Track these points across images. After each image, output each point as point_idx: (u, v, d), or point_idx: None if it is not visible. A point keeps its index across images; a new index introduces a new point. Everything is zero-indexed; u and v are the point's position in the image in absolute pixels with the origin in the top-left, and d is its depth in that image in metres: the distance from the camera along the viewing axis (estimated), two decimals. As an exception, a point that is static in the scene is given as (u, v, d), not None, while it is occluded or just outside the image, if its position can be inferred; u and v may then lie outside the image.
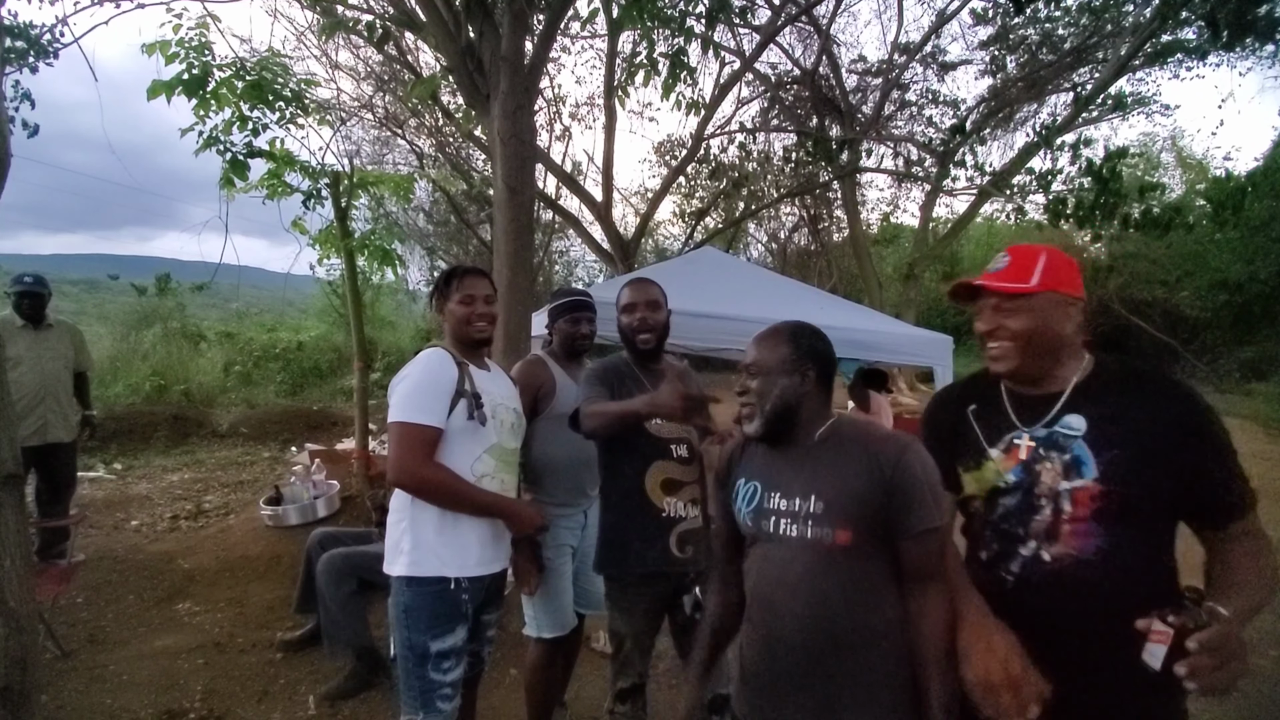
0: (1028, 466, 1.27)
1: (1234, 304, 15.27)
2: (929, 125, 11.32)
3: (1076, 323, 1.28)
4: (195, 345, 10.83)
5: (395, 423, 1.69)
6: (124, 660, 3.04)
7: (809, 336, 1.38)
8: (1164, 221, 5.37)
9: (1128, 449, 1.19)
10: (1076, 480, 1.21)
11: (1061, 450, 1.24)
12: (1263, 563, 1.18)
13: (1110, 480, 1.19)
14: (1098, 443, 1.21)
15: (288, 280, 7.20)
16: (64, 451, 4.03)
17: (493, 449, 1.80)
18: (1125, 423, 1.21)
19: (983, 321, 1.32)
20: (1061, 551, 1.23)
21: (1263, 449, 8.67)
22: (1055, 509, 1.24)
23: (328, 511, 4.24)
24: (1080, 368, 1.29)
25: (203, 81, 3.44)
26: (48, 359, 3.90)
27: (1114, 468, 1.19)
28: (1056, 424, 1.26)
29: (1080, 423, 1.24)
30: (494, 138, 3.69)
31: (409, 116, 10.96)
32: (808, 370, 1.34)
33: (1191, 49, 8.91)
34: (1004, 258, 1.32)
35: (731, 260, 7.37)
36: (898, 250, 17.84)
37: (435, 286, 1.98)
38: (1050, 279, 1.25)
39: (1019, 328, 1.26)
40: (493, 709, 2.67)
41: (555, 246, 17.67)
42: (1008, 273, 1.28)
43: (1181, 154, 18.36)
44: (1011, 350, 1.28)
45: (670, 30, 4.35)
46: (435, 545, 1.72)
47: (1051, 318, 1.26)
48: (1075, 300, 1.28)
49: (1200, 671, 0.99)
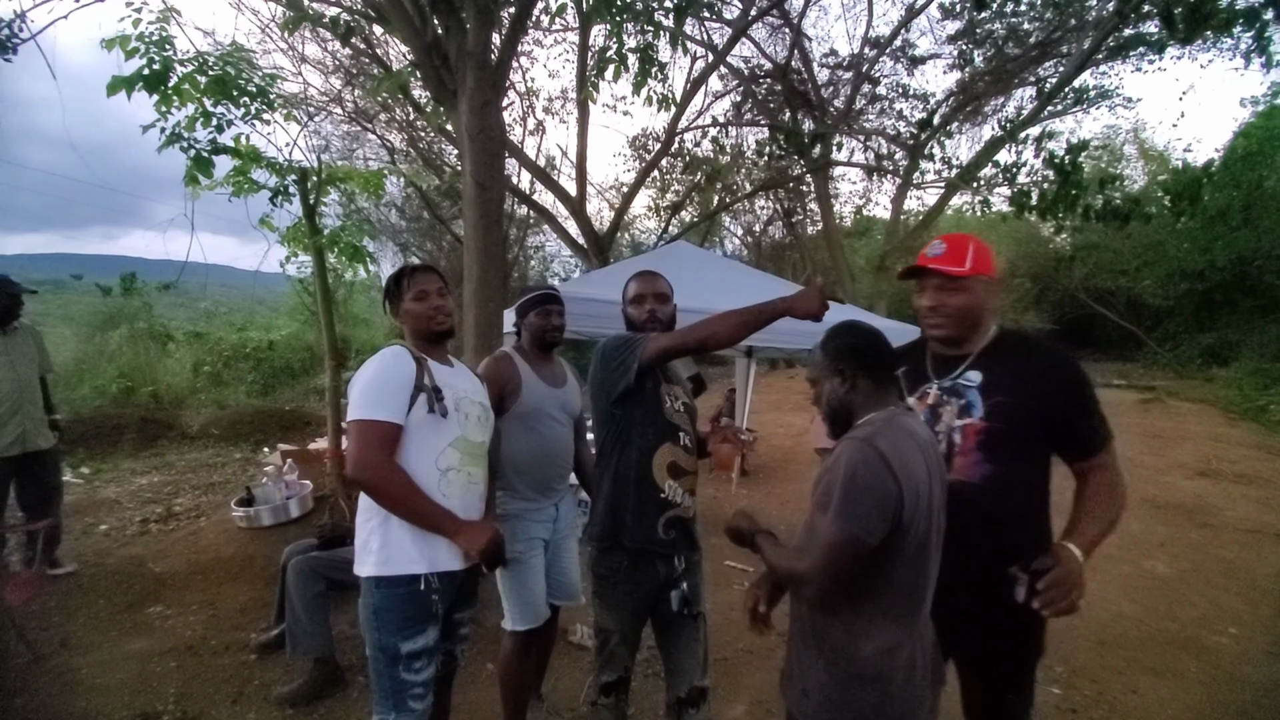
0: (933, 409, 1.59)
1: (1195, 292, 15.74)
2: (899, 119, 11.46)
3: (994, 299, 1.61)
4: (163, 346, 10.58)
5: (353, 420, 1.69)
6: (96, 664, 3.00)
7: (835, 337, 1.44)
8: (1124, 212, 5.50)
9: (1009, 395, 1.50)
10: (967, 419, 1.53)
11: (959, 396, 1.56)
12: (1115, 493, 1.51)
13: (992, 418, 1.50)
14: (987, 390, 1.53)
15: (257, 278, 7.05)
16: (47, 459, 3.88)
17: (457, 442, 1.80)
18: (1011, 376, 1.52)
19: (926, 298, 1.62)
20: (955, 478, 1.50)
21: (1222, 432, 8.99)
22: (950, 442, 1.55)
23: (301, 512, 4.20)
24: (988, 335, 1.61)
25: (164, 77, 3.36)
26: (21, 364, 3.71)
27: (996, 408, 1.50)
28: (960, 377, 1.58)
29: (977, 376, 1.56)
30: (462, 133, 3.67)
31: (379, 111, 10.82)
32: (843, 369, 1.40)
33: (1152, 43, 9.14)
34: (940, 244, 1.59)
35: (706, 254, 7.42)
36: (870, 243, 18.09)
37: (386, 291, 1.97)
38: (978, 264, 1.55)
39: (956, 304, 1.57)
40: (470, 704, 2.69)
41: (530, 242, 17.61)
42: (945, 258, 1.56)
43: (1144, 146, 18.86)
44: (948, 321, 1.59)
45: (640, 24, 4.36)
46: (404, 541, 1.72)
47: (979, 296, 1.57)
48: (995, 281, 1.60)
49: (1048, 602, 1.33)
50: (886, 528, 1.23)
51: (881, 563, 1.27)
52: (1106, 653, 3.25)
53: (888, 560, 1.27)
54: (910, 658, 1.31)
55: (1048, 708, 2.80)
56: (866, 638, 1.30)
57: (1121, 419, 10.29)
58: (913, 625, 1.32)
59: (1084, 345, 18.67)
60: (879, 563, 1.27)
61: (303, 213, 4.16)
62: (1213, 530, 5.14)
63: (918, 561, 1.30)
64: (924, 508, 1.27)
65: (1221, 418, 10.14)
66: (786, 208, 15.92)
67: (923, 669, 1.33)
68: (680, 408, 1.97)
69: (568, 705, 2.76)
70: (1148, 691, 2.91)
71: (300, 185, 4.13)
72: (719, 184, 12.75)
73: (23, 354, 3.75)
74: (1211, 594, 3.97)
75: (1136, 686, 2.93)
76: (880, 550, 1.25)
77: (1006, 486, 1.49)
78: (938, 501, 1.32)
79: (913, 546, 1.27)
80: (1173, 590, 4.02)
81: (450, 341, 1.99)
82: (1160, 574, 4.26)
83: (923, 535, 1.28)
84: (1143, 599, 3.87)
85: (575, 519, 2.47)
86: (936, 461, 1.35)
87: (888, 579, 1.29)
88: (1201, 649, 3.31)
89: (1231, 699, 2.88)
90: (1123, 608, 3.76)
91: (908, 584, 1.30)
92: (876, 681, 1.30)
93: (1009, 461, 1.49)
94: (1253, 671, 3.10)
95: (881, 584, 1.29)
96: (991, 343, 1.59)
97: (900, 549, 1.26)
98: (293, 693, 2.73)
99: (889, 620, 1.30)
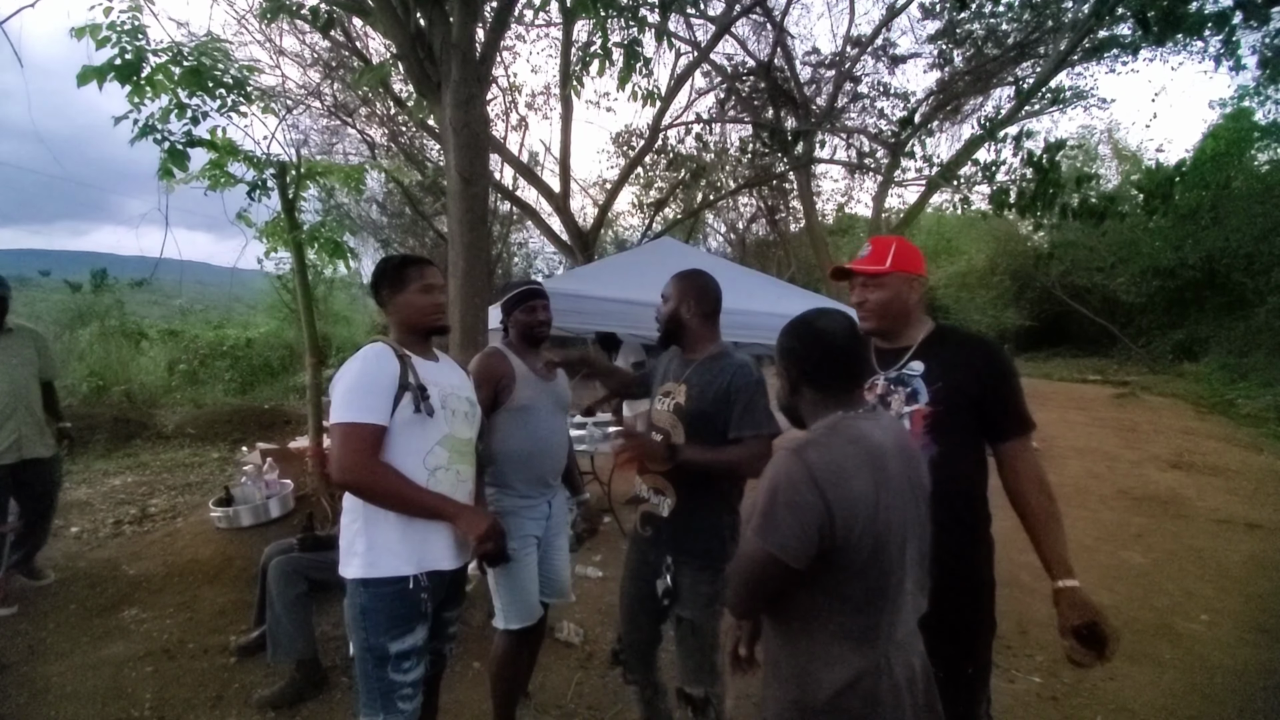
0: (882, 398, 1.72)
1: (1166, 289, 16.09)
2: (880, 117, 11.55)
3: (918, 294, 1.75)
4: (136, 344, 10.36)
5: (336, 424, 1.64)
6: (68, 671, 2.92)
7: (782, 335, 1.36)
8: (1099, 210, 5.61)
9: (948, 382, 1.65)
10: (914, 405, 1.67)
11: (905, 385, 1.70)
12: (1044, 488, 1.61)
13: (935, 403, 1.64)
14: (929, 378, 1.67)
15: (234, 275, 6.94)
16: (45, 468, 3.69)
17: (445, 440, 1.77)
18: (948, 365, 1.66)
19: (854, 295, 1.79)
20: None
21: (1193, 425, 9.19)
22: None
23: (281, 512, 4.13)
24: (925, 329, 1.75)
25: (136, 67, 3.27)
26: (15, 367, 3.55)
27: (938, 394, 1.65)
28: (904, 368, 1.71)
29: (920, 366, 1.69)
30: (446, 127, 3.63)
31: (359, 105, 10.65)
32: (784, 372, 1.35)
33: (1126, 44, 9.32)
34: (867, 247, 1.77)
35: (690, 250, 7.42)
36: (853, 240, 18.20)
37: (382, 276, 1.87)
38: (898, 262, 1.71)
39: (877, 299, 1.73)
40: (457, 703, 2.67)
41: (514, 238, 17.49)
42: (869, 259, 1.74)
43: (1117, 146, 19.24)
44: (872, 315, 1.75)
45: (624, 20, 4.34)
46: (392, 543, 1.68)
47: (900, 291, 1.72)
48: (917, 277, 1.74)
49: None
50: (811, 547, 1.13)
51: (826, 583, 1.18)
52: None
53: (833, 578, 1.18)
54: (871, 691, 1.18)
55: (1029, 696, 2.85)
56: (823, 664, 1.20)
57: (1098, 413, 10.54)
58: (874, 649, 1.19)
59: (1061, 341, 18.99)
60: (824, 583, 1.18)
61: (282, 207, 4.09)
62: (1186, 520, 5.25)
63: (871, 577, 1.18)
64: (868, 520, 1.15)
65: (1192, 411, 10.38)
66: (770, 205, 15.97)
67: (892, 704, 1.19)
68: (669, 407, 1.97)
69: (554, 703, 2.75)
70: (1125, 678, 2.97)
71: (279, 179, 4.06)
72: (703, 181, 12.75)
73: (17, 357, 3.58)
74: (1185, 582, 4.05)
75: (1114, 674, 2.98)
76: (822, 570, 1.16)
77: (951, 466, 1.61)
78: (897, 513, 1.20)
79: (859, 563, 1.16)
80: (1148, 579, 4.10)
81: (438, 337, 1.96)
82: (1136, 564, 4.34)
83: (871, 550, 1.16)
84: (1120, 588, 3.95)
85: (567, 516, 2.45)
86: (902, 466, 1.23)
87: (841, 597, 1.19)
88: (1176, 636, 3.38)
89: (1205, 683, 2.95)
90: (1101, 597, 3.77)
91: (863, 602, 1.19)
92: (831, 715, 1.19)
93: (952, 442, 1.64)
94: (1224, 657, 3.18)
95: (835, 603, 1.19)
96: (931, 335, 1.74)
97: (844, 565, 1.16)
98: (274, 695, 2.69)
99: (848, 643, 1.19)
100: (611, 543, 4.55)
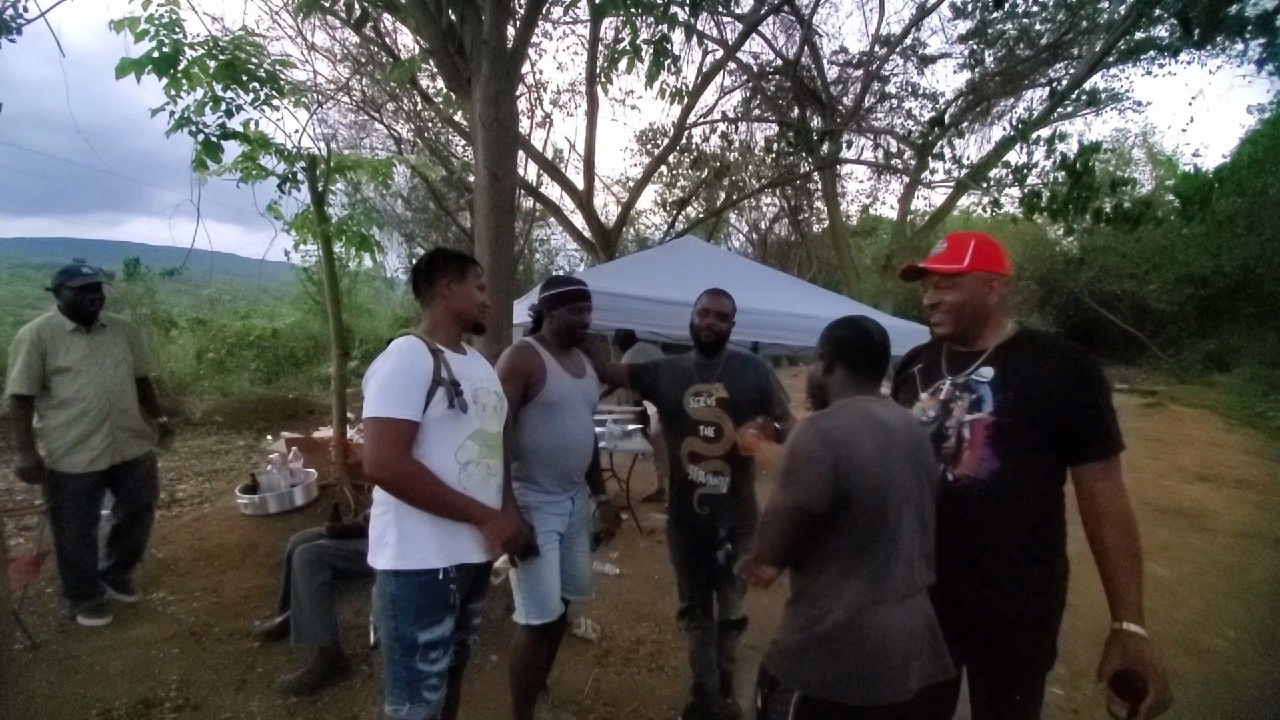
0: (944, 405, 1.59)
1: (1199, 297, 15.72)
2: (908, 118, 11.41)
3: (1000, 294, 1.57)
4: (166, 332, 10.58)
5: (370, 417, 1.64)
6: (96, 650, 2.99)
7: (833, 326, 1.56)
8: (1134, 216, 5.48)
9: (1020, 390, 1.48)
10: (977, 414, 1.52)
11: (971, 392, 1.54)
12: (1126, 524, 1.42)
13: (1001, 413, 1.48)
14: (998, 386, 1.51)
15: (262, 266, 7.07)
16: (140, 468, 3.44)
17: (476, 434, 1.78)
18: (1024, 372, 1.49)
19: (927, 297, 1.64)
20: (962, 473, 1.52)
21: (1221, 438, 8.98)
22: (959, 437, 1.54)
23: (305, 500, 4.20)
24: (1006, 332, 1.59)
25: (173, 60, 3.34)
26: (109, 366, 3.29)
27: (1006, 404, 1.48)
28: (974, 373, 1.56)
29: (990, 372, 1.54)
30: (475, 122, 3.65)
31: (387, 100, 10.77)
32: (824, 354, 1.54)
33: (1164, 46, 9.09)
34: (942, 244, 1.62)
35: (713, 249, 7.38)
36: (876, 242, 18.05)
37: (446, 264, 1.87)
38: (978, 260, 1.55)
39: (952, 301, 1.58)
40: (475, 695, 2.69)
41: (536, 234, 17.57)
42: (945, 256, 1.58)
43: (1152, 150, 18.83)
44: (946, 318, 1.60)
45: (654, 17, 4.33)
46: (423, 535, 1.69)
47: (978, 292, 1.56)
48: (999, 276, 1.57)
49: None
50: (830, 493, 1.31)
51: (839, 529, 1.35)
52: (1110, 656, 3.26)
53: (844, 524, 1.34)
54: (881, 628, 1.32)
55: (1051, 708, 2.80)
56: (832, 598, 1.36)
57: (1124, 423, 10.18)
58: (874, 592, 1.33)
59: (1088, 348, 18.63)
60: (837, 528, 1.35)
61: (311, 200, 4.15)
62: (1211, 534, 5.14)
63: (878, 527, 1.34)
64: (873, 480, 1.32)
65: (1221, 423, 10.14)
66: (793, 205, 15.87)
67: (900, 645, 1.33)
68: (710, 403, 2.34)
69: (571, 698, 2.76)
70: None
71: (309, 172, 4.12)
72: (726, 180, 12.70)
73: (111, 355, 3.33)
74: (1210, 597, 3.97)
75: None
76: (835, 517, 1.34)
77: (1015, 484, 1.46)
78: (899, 479, 1.35)
79: (867, 512, 1.33)
80: (1173, 593, 4.02)
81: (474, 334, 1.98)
82: (1161, 577, 4.25)
83: (878, 504, 1.33)
84: (1144, 601, 3.87)
85: (588, 513, 2.44)
86: (909, 442, 1.40)
87: (852, 540, 1.35)
88: (1200, 651, 3.31)
89: (1229, 699, 2.89)
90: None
91: (868, 550, 1.35)
92: (834, 644, 1.34)
93: (1018, 459, 1.46)
94: (1249, 673, 3.11)
95: (847, 546, 1.36)
96: (1009, 340, 1.56)
97: (854, 513, 1.33)
98: (296, 681, 2.73)
99: (857, 579, 1.34)
100: (629, 540, 4.55)
